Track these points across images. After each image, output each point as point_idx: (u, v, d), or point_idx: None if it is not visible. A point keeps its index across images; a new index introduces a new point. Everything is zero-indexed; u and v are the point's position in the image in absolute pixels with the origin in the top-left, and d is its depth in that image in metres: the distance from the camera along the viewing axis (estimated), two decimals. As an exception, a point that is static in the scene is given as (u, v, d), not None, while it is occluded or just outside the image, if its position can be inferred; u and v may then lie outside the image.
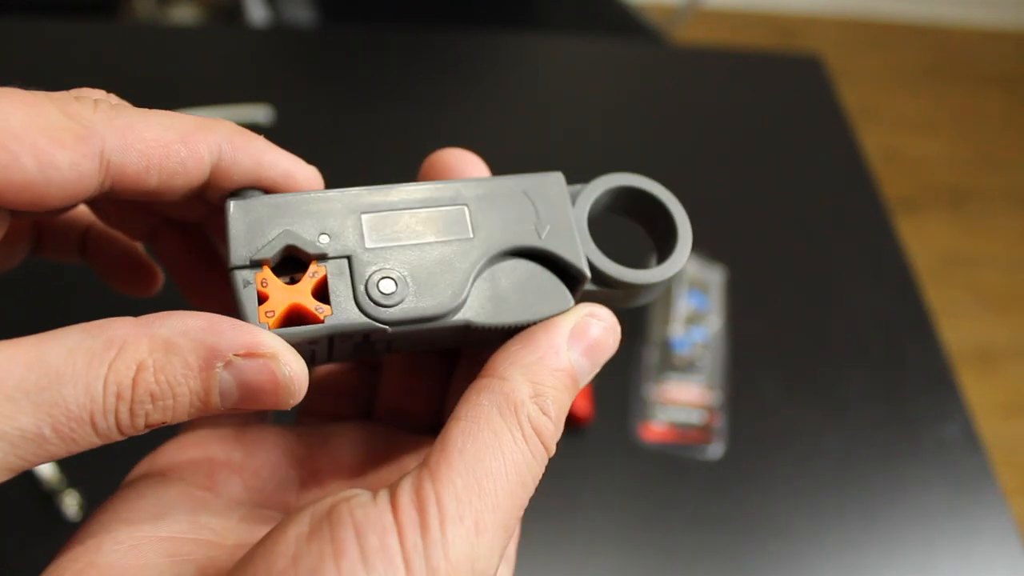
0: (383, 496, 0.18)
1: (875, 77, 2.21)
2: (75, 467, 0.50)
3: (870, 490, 0.55)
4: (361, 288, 0.21)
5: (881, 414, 0.59)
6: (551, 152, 0.76)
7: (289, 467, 0.25)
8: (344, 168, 0.71)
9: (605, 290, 0.24)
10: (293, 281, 0.22)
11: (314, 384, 0.29)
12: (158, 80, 0.76)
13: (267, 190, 0.23)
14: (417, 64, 0.83)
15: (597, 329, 0.22)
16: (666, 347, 0.61)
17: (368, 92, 0.80)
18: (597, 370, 0.23)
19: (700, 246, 0.67)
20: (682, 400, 0.58)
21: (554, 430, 0.21)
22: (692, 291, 0.63)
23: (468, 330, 0.22)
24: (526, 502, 0.20)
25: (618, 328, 0.23)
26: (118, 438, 0.18)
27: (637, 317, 0.62)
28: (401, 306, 0.21)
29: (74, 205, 0.21)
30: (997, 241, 1.86)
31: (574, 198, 0.24)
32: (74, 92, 0.22)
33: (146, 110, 0.21)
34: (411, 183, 0.23)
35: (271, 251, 0.21)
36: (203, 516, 0.22)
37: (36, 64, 0.74)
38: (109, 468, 0.51)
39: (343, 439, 0.26)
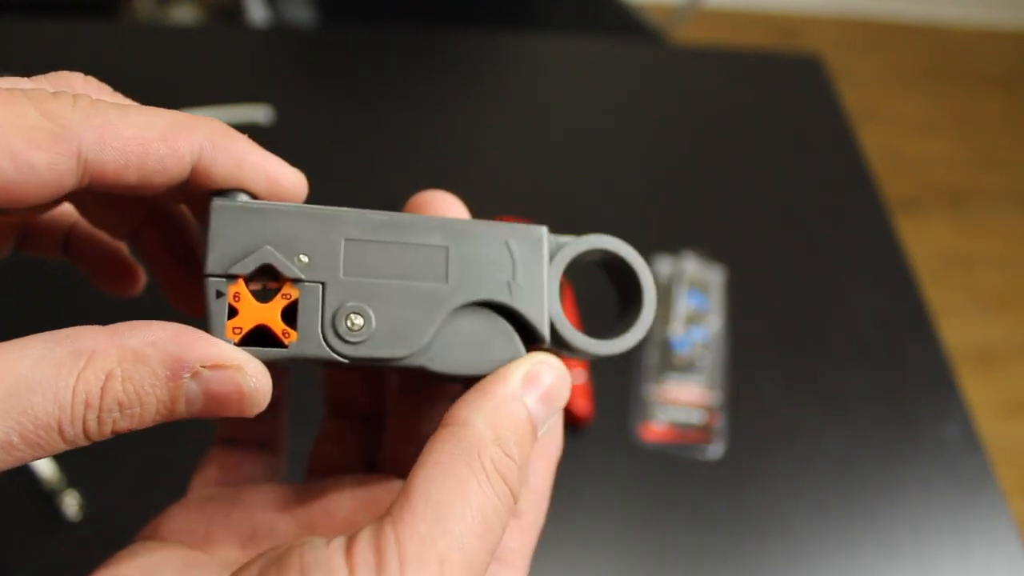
0: (338, 541, 0.19)
1: (875, 77, 2.21)
2: (75, 467, 0.50)
3: (870, 490, 0.55)
4: (329, 320, 0.22)
5: (881, 414, 0.59)
6: (551, 152, 0.76)
7: (287, 525, 0.25)
8: (344, 168, 0.71)
9: (559, 351, 0.25)
10: (265, 290, 0.22)
11: (317, 436, 0.29)
12: (158, 80, 0.76)
13: (252, 193, 0.22)
14: (417, 64, 0.83)
15: (549, 377, 0.23)
16: (666, 347, 0.61)
17: (368, 92, 0.80)
18: (552, 417, 0.23)
19: (700, 246, 0.67)
20: (682, 400, 0.58)
21: (518, 473, 0.21)
22: (692, 291, 0.63)
23: (423, 370, 0.23)
24: (495, 546, 0.20)
25: (568, 376, 0.23)
26: (84, 444, 0.19)
27: (637, 317, 0.62)
28: (364, 344, 0.22)
29: (54, 202, 0.21)
30: (997, 241, 1.86)
31: (553, 252, 0.24)
32: (52, 78, 0.22)
33: (127, 105, 0.21)
34: (399, 213, 0.23)
35: (249, 267, 0.21)
36: (193, 574, 0.22)
37: (36, 64, 0.74)
38: (109, 468, 0.51)
39: (343, 494, 0.26)
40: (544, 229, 0.24)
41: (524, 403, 0.22)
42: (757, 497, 0.54)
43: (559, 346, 0.24)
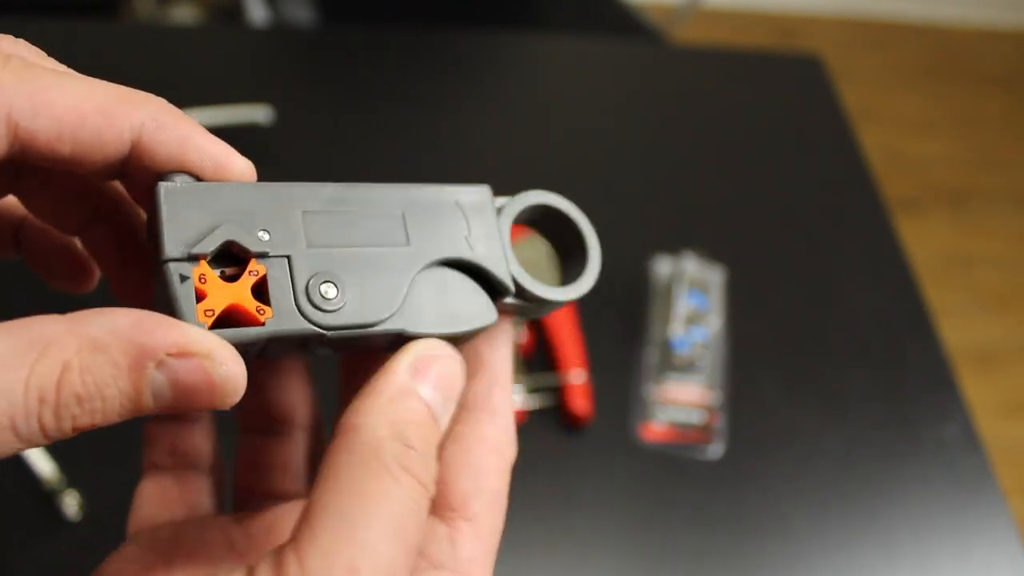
0: (239, 572, 0.18)
1: (875, 77, 2.21)
2: (75, 467, 0.50)
3: (870, 490, 0.55)
4: (302, 292, 0.21)
5: (881, 414, 0.59)
6: (551, 152, 0.76)
7: (228, 558, 0.24)
8: (344, 168, 0.71)
9: (522, 303, 0.25)
10: (226, 276, 0.21)
11: (264, 463, 0.28)
12: (158, 80, 0.75)
13: (196, 177, 0.21)
14: (417, 64, 0.83)
15: (438, 363, 0.22)
16: (666, 347, 0.61)
17: (368, 92, 0.80)
18: (452, 404, 0.22)
19: (700, 246, 0.67)
20: (682, 400, 0.58)
21: (423, 462, 0.20)
22: (692, 291, 0.63)
23: (401, 336, 0.23)
24: (414, 544, 0.19)
25: (459, 357, 0.23)
26: (44, 443, 0.17)
27: (637, 317, 0.62)
28: (341, 312, 0.21)
29: None
30: (997, 241, 1.86)
31: (499, 209, 0.25)
32: None
33: (65, 73, 0.20)
34: (349, 183, 0.23)
35: (211, 245, 0.20)
36: None
37: (36, 64, 0.74)
38: (109, 468, 0.51)
39: (288, 520, 0.25)
40: (487, 187, 0.25)
41: (417, 393, 0.21)
42: (757, 497, 0.54)
43: (522, 297, 0.25)
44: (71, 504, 0.48)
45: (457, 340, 0.24)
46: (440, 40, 0.86)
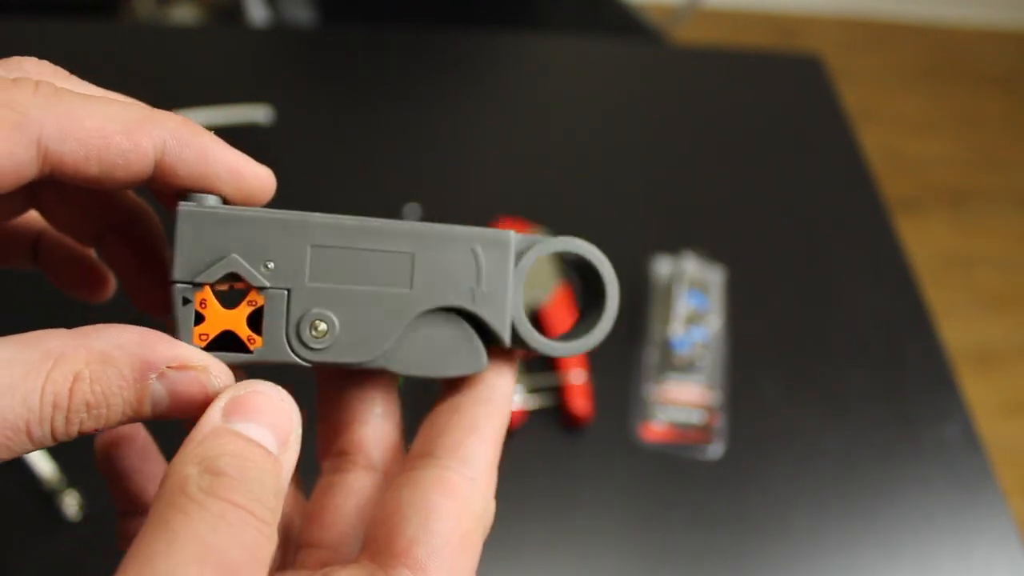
0: None
1: (875, 77, 2.21)
2: (75, 467, 0.50)
3: (870, 490, 0.55)
4: (294, 326, 0.22)
5: (881, 414, 0.59)
6: (551, 152, 0.76)
7: None
8: (344, 168, 0.71)
9: (523, 351, 0.25)
10: (232, 292, 0.22)
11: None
12: (158, 80, 0.76)
13: (218, 192, 0.22)
14: (417, 64, 0.83)
15: (255, 399, 0.20)
16: (666, 347, 0.61)
17: (368, 92, 0.80)
18: (289, 438, 0.20)
19: (700, 246, 0.67)
20: (682, 400, 0.58)
21: (242, 487, 0.18)
22: (692, 291, 0.63)
23: (387, 371, 0.24)
24: (238, 562, 0.17)
25: (285, 393, 0.21)
26: (51, 444, 0.19)
27: (637, 317, 0.62)
28: (328, 350, 0.22)
29: (19, 204, 0.21)
30: (997, 241, 1.86)
31: (520, 254, 0.24)
32: (14, 64, 0.21)
33: (91, 95, 0.21)
34: (369, 219, 0.23)
35: (215, 276, 0.21)
36: None
37: (36, 64, 0.74)
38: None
39: None
40: (512, 234, 0.24)
41: (232, 430, 0.20)
42: (757, 497, 0.54)
43: (518, 346, 0.25)
44: (71, 504, 0.48)
45: (449, 383, 0.25)
46: (440, 40, 0.86)
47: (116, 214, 0.26)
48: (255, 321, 0.22)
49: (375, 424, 0.26)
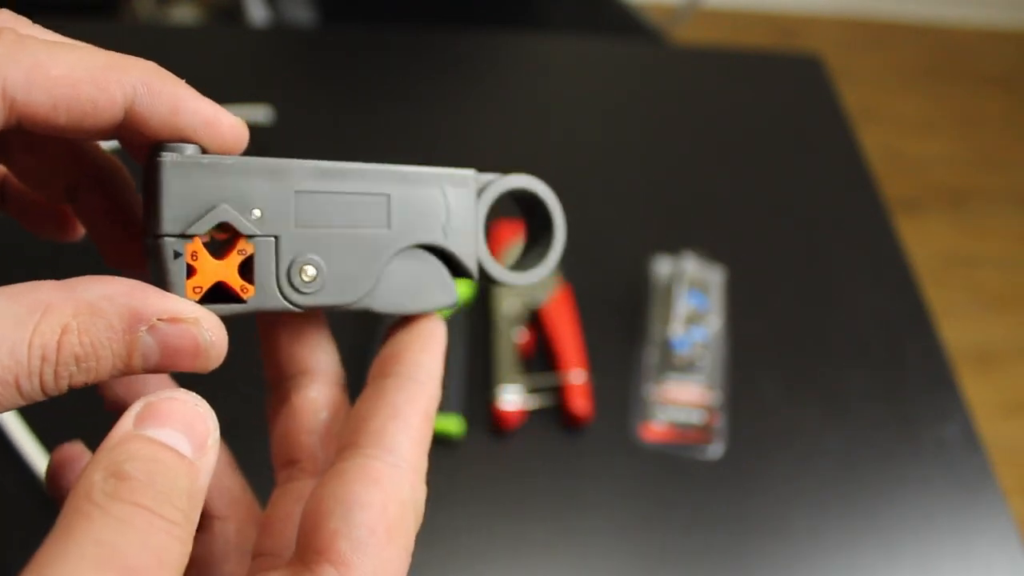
0: None
1: (875, 77, 2.21)
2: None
3: (870, 490, 0.55)
4: (284, 273, 0.22)
5: (881, 414, 0.59)
6: (551, 152, 0.76)
7: None
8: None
9: (486, 283, 0.27)
10: (216, 243, 0.22)
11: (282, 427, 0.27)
12: (158, 80, 0.75)
13: (193, 142, 0.22)
14: (417, 64, 0.83)
15: (167, 404, 0.19)
16: (666, 347, 0.61)
17: (368, 92, 0.80)
18: (205, 442, 0.19)
19: (700, 246, 0.67)
20: (682, 400, 0.58)
21: (150, 491, 0.17)
22: (692, 291, 0.63)
23: (369, 310, 0.24)
24: (152, 569, 0.17)
25: (199, 399, 0.20)
26: (41, 399, 0.18)
27: (637, 317, 0.62)
28: (317, 294, 0.23)
29: None
30: (997, 241, 1.86)
31: (481, 190, 0.26)
32: None
33: (57, 43, 0.20)
34: (346, 163, 0.24)
35: (205, 226, 0.21)
36: None
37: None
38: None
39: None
40: (472, 172, 0.26)
41: (142, 435, 0.19)
42: (757, 497, 0.54)
43: (485, 280, 0.26)
44: (71, 504, 0.48)
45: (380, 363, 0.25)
46: (440, 40, 0.86)
47: (85, 169, 0.25)
48: (246, 270, 0.22)
49: (321, 430, 0.26)
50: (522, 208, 0.29)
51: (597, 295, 0.63)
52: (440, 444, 0.54)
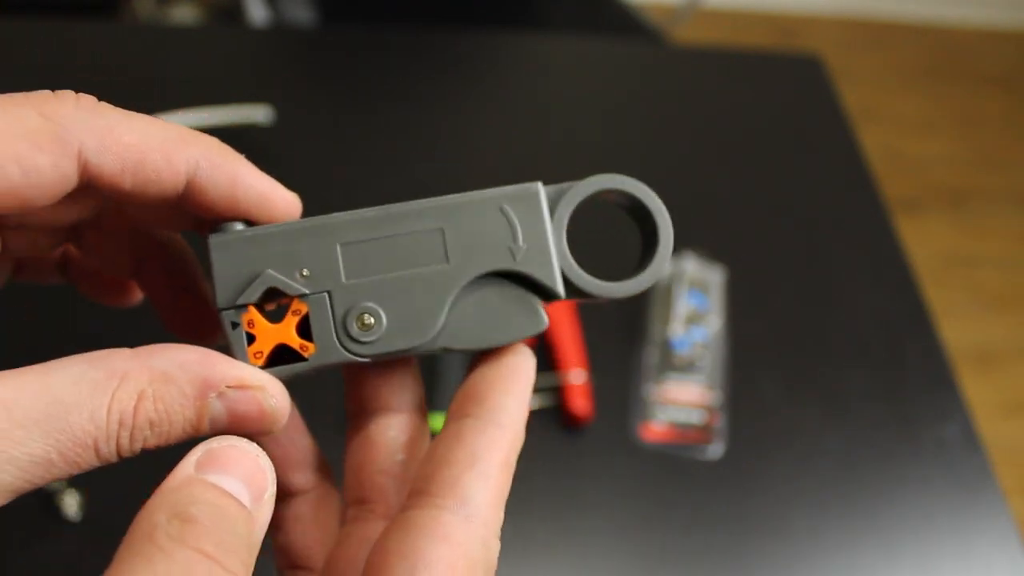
0: None
1: (875, 77, 2.21)
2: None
3: (870, 490, 0.55)
4: (341, 325, 0.23)
5: (881, 414, 0.59)
6: (551, 152, 0.76)
7: None
8: (344, 168, 0.71)
9: (579, 299, 0.24)
10: (278, 308, 0.23)
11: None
12: (158, 80, 0.76)
13: (245, 217, 0.23)
14: (417, 64, 0.83)
15: (229, 453, 0.20)
16: (666, 347, 0.61)
17: (368, 92, 0.80)
18: (263, 494, 0.20)
19: (700, 246, 0.67)
20: (682, 400, 0.58)
21: (214, 536, 0.17)
22: (692, 291, 0.63)
23: (447, 350, 0.23)
24: None
25: (259, 449, 0.20)
26: (115, 460, 0.19)
27: (637, 317, 0.62)
28: (380, 341, 0.23)
29: (58, 208, 0.21)
30: (997, 241, 1.86)
31: (555, 202, 0.24)
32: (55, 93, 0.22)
33: (129, 113, 0.21)
34: (389, 205, 0.23)
35: (254, 295, 0.22)
36: None
37: (36, 64, 0.74)
38: (109, 468, 0.51)
39: None
40: (538, 185, 0.24)
41: (205, 480, 0.19)
42: (757, 497, 0.54)
43: (575, 295, 0.24)
44: (71, 504, 0.48)
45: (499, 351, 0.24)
46: (440, 40, 0.86)
47: (151, 248, 0.27)
48: (304, 329, 0.23)
49: (397, 471, 0.25)
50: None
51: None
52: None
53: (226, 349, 0.22)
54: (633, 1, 1.29)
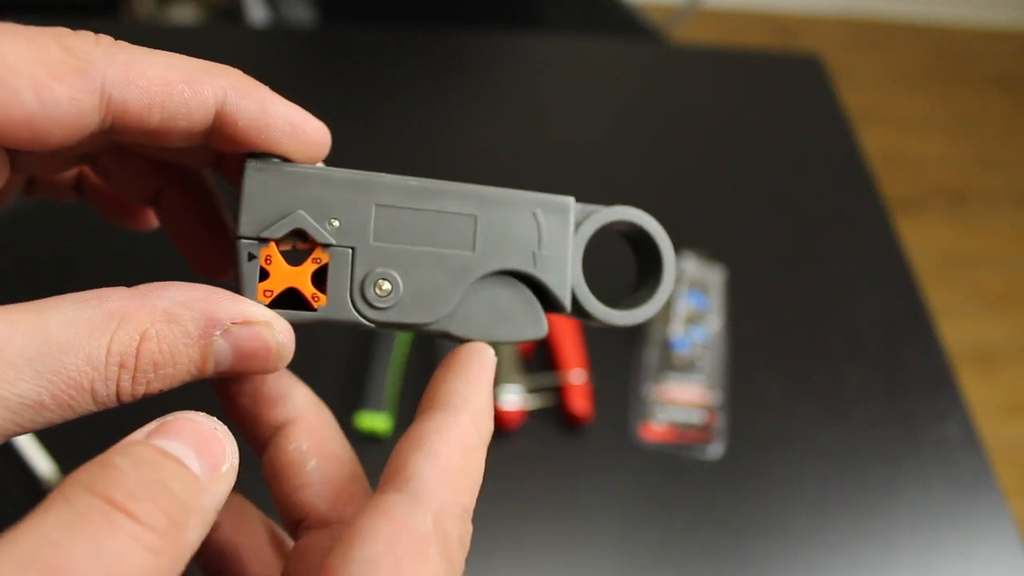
0: None
1: (875, 77, 2.21)
2: (74, 466, 0.49)
3: (870, 490, 0.55)
4: (358, 285, 0.22)
5: (881, 414, 0.59)
6: (551, 152, 0.76)
7: None
8: (343, 168, 0.71)
9: (580, 319, 0.25)
10: (295, 251, 0.22)
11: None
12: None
13: (277, 150, 0.22)
14: (417, 64, 0.83)
15: (183, 423, 0.18)
16: (666, 347, 0.61)
17: (368, 92, 0.80)
18: (214, 462, 0.18)
19: (700, 246, 0.67)
20: (682, 400, 0.58)
21: (124, 478, 0.16)
22: (692, 291, 0.63)
23: (447, 335, 0.23)
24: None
25: (220, 424, 0.19)
26: (114, 405, 0.18)
27: (637, 317, 0.62)
28: (391, 310, 0.22)
29: (74, 145, 0.20)
30: (997, 241, 1.86)
31: (580, 221, 0.25)
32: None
33: (150, 49, 0.21)
34: (432, 180, 0.23)
35: (281, 231, 0.21)
36: None
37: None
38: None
39: None
40: (571, 200, 0.24)
41: (148, 443, 0.17)
42: (757, 497, 0.54)
43: (578, 314, 0.25)
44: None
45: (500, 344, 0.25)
46: (440, 40, 0.86)
47: (170, 176, 0.26)
48: (319, 279, 0.22)
49: (316, 479, 0.24)
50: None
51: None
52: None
53: (233, 286, 0.21)
54: (633, 1, 1.29)
